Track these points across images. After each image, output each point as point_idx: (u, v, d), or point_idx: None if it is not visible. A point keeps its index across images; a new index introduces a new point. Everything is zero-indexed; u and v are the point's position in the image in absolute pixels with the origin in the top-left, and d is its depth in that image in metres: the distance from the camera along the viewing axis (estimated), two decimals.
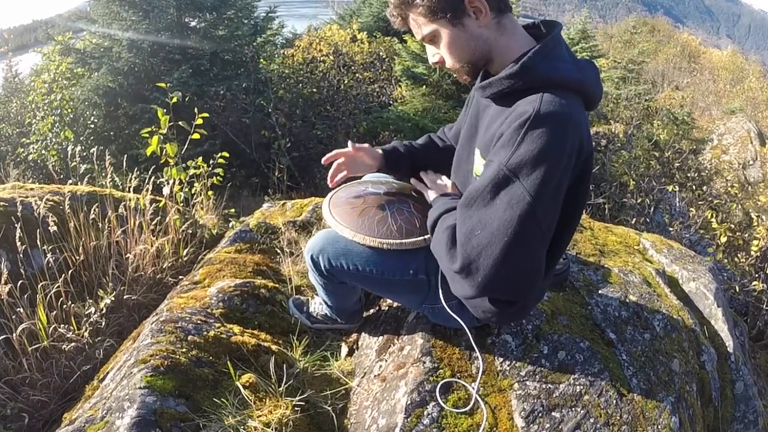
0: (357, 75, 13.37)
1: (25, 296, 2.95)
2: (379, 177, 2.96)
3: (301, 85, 11.55)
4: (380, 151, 2.68)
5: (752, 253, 5.68)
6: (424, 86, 11.87)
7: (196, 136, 4.45)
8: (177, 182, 4.39)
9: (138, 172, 4.44)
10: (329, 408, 2.45)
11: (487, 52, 1.99)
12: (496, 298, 2.09)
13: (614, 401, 2.35)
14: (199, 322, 2.69)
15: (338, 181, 2.65)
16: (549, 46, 1.90)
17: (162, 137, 4.22)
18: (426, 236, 2.31)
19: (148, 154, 4.24)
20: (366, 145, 2.69)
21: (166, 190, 4.25)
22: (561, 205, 1.87)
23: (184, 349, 2.45)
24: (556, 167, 1.75)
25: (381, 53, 15.86)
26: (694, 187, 8.68)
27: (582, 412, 2.28)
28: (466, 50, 1.99)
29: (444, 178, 2.52)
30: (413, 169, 2.68)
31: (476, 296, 1.94)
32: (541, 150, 1.72)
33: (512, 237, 1.77)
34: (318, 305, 3.02)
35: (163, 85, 4.78)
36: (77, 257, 3.44)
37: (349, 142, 2.67)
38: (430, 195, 2.42)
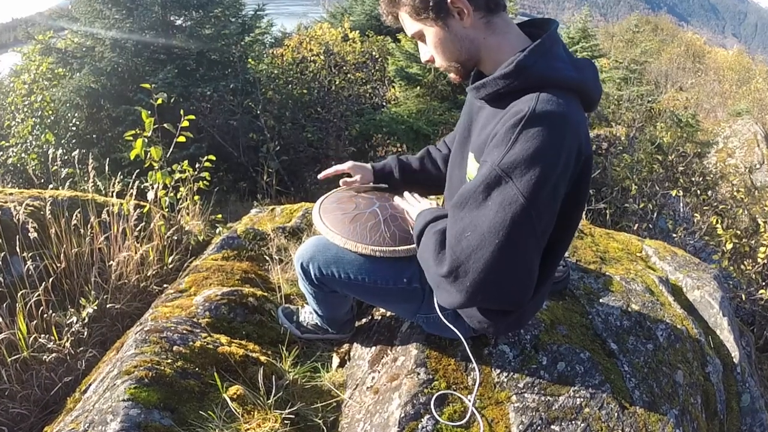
0: (349, 75, 13.40)
1: (5, 305, 2.95)
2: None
3: (290, 86, 11.57)
4: (370, 168, 2.77)
5: (759, 260, 5.69)
6: (419, 87, 11.87)
7: (181, 138, 4.46)
8: (162, 187, 4.39)
9: (121, 177, 4.46)
10: (320, 421, 2.45)
11: (474, 53, 2.00)
12: (484, 306, 2.11)
13: (616, 414, 2.35)
14: (184, 331, 2.69)
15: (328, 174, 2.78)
16: (545, 44, 1.90)
17: (146, 140, 4.22)
18: None
19: (131, 157, 4.24)
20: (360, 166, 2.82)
21: (150, 195, 4.24)
22: (558, 209, 1.86)
23: (169, 360, 2.45)
24: (552, 169, 1.75)
25: (374, 53, 15.88)
26: (698, 191, 8.68)
27: (582, 425, 2.28)
28: (453, 50, 2.00)
29: (424, 200, 2.51)
30: (406, 184, 2.71)
31: (464, 304, 1.91)
32: (536, 150, 1.71)
33: (504, 240, 1.75)
34: (308, 314, 3.02)
35: (147, 85, 4.79)
36: (58, 264, 3.44)
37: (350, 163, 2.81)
38: (413, 211, 2.40)
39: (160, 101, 4.53)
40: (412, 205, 2.46)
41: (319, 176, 2.83)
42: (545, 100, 1.77)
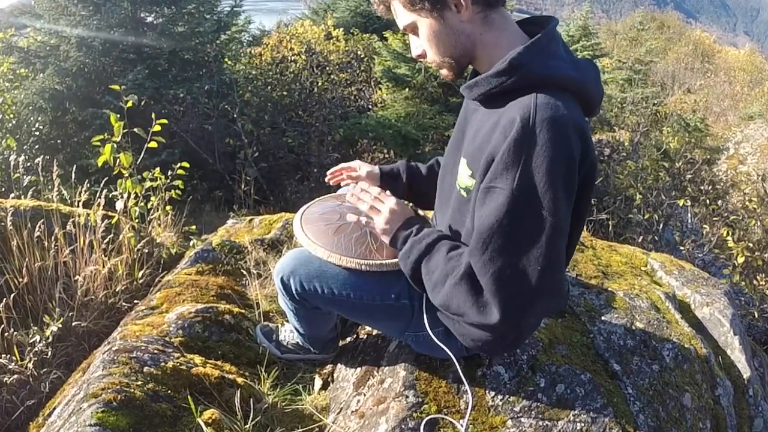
0: (332, 76, 13.42)
1: None
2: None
3: (269, 87, 11.57)
4: (377, 170, 2.80)
5: None
6: (407, 89, 11.86)
7: (153, 144, 4.44)
8: (132, 196, 4.38)
9: (88, 185, 4.43)
10: None
11: (470, 48, 2.01)
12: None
13: None
14: (156, 351, 2.68)
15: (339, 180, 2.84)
16: (542, 42, 1.91)
17: (115, 146, 4.21)
18: None
19: (99, 164, 4.23)
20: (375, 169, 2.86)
21: (119, 205, 4.23)
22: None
23: (139, 382, 2.44)
24: (568, 174, 1.79)
25: (359, 52, 15.91)
26: (707, 201, 8.71)
27: None
28: (447, 44, 2.01)
29: (381, 194, 2.35)
30: (413, 192, 2.79)
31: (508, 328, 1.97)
32: (549, 164, 1.75)
33: (545, 262, 1.81)
34: (289, 333, 3.01)
35: (116, 87, 4.76)
36: (20, 279, 3.43)
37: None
38: (377, 224, 2.30)
39: (129, 104, 4.52)
40: (370, 215, 2.32)
41: (328, 173, 2.88)
42: (544, 105, 1.78)
